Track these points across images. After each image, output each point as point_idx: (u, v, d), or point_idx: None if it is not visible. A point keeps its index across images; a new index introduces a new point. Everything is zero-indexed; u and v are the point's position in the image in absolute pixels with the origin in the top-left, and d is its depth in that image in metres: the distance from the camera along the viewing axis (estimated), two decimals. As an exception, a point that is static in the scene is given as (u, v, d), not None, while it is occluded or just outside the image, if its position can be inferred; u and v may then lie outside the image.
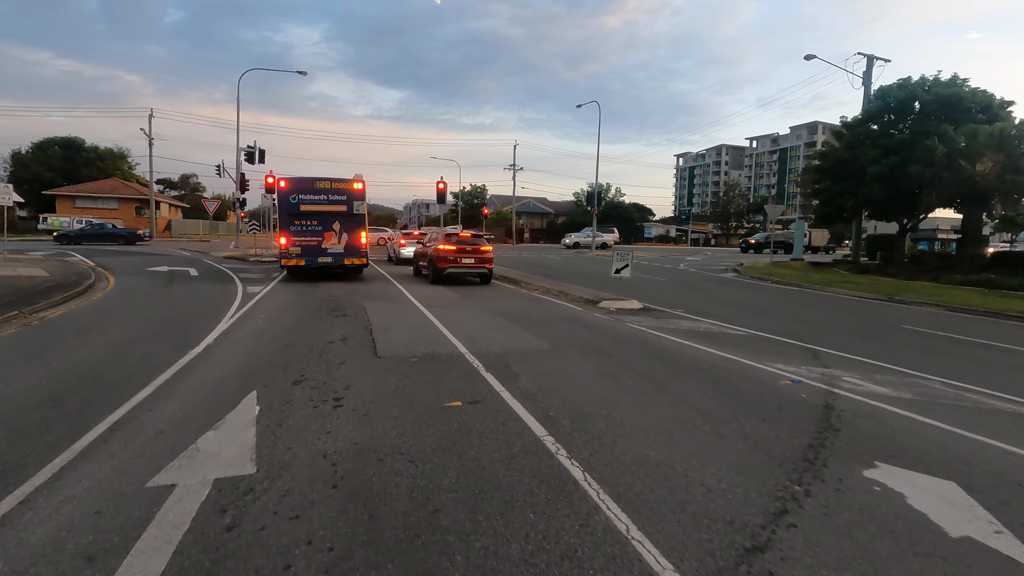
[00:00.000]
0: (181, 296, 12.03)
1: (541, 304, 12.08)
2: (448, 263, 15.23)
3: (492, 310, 10.84)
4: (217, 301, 11.23)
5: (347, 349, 7.01)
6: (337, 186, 15.18)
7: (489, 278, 16.29)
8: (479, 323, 9.24)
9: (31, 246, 29.86)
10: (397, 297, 12.49)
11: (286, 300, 11.58)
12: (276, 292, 12.85)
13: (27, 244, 32.61)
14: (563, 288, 14.40)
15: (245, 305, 10.71)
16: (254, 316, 9.46)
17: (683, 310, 11.60)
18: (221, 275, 16.58)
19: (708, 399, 5.30)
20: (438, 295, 13.11)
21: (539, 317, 10.16)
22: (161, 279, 15.30)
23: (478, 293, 13.74)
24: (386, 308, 10.74)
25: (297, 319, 9.27)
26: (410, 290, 13.78)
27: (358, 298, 12.04)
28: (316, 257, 15.14)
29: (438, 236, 15.99)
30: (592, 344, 7.77)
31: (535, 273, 19.63)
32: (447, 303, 11.71)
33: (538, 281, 16.31)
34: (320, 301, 11.46)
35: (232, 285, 14.03)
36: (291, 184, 14.91)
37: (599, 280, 18.02)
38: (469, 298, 12.70)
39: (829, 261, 28.31)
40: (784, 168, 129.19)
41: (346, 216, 15.32)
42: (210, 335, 7.69)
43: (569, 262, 28.19)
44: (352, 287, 14.11)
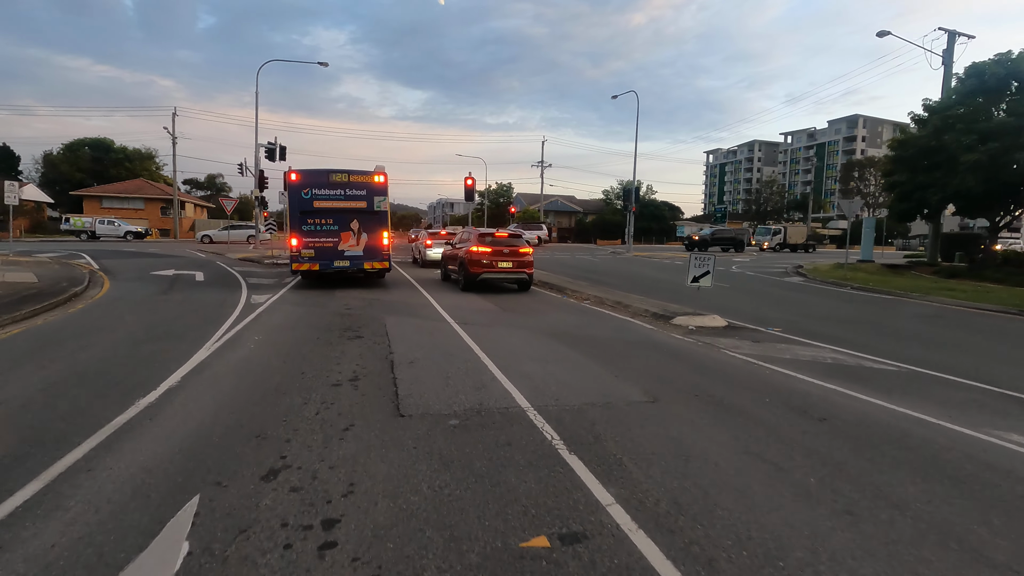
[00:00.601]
0: (173, 307, 10.21)
1: (601, 320, 9.87)
2: (482, 268, 13.13)
3: (544, 329, 8.69)
4: (212, 314, 9.35)
5: (357, 399, 4.93)
6: (356, 179, 13.23)
7: (529, 285, 14.13)
8: (534, 351, 7.08)
9: (48, 247, 28.93)
10: (424, 310, 10.43)
11: (292, 314, 9.63)
12: (283, 303, 10.94)
13: (46, 245, 31.81)
14: (619, 298, 12.14)
15: (243, 320, 8.80)
16: (247, 338, 7.50)
17: (780, 328, 9.24)
18: (228, 280, 14.82)
19: (975, 523, 3.03)
20: (472, 306, 11.01)
21: (607, 340, 7.96)
22: (161, 285, 13.60)
23: (520, 304, 11.60)
24: (412, 326, 8.68)
25: (299, 343, 7.27)
26: (439, 300, 11.72)
27: (378, 311, 10.03)
28: (331, 261, 13.21)
29: (470, 236, 13.91)
30: (699, 389, 5.53)
31: (577, 277, 17.39)
32: (485, 318, 9.60)
33: (586, 288, 14.09)
34: (332, 315, 9.48)
35: (236, 293, 12.20)
36: (303, 177, 13.02)
37: (652, 286, 15.69)
38: (511, 311, 10.57)
39: (903, 263, 25.30)
40: (822, 163, 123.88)
41: (366, 214, 13.35)
42: (179, 371, 5.72)
43: (608, 263, 25.83)
44: (372, 296, 12.13)
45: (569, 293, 13.38)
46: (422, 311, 10.26)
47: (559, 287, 14.47)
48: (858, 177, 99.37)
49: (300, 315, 9.49)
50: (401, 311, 10.18)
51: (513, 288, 14.39)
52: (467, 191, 26.51)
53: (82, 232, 39.18)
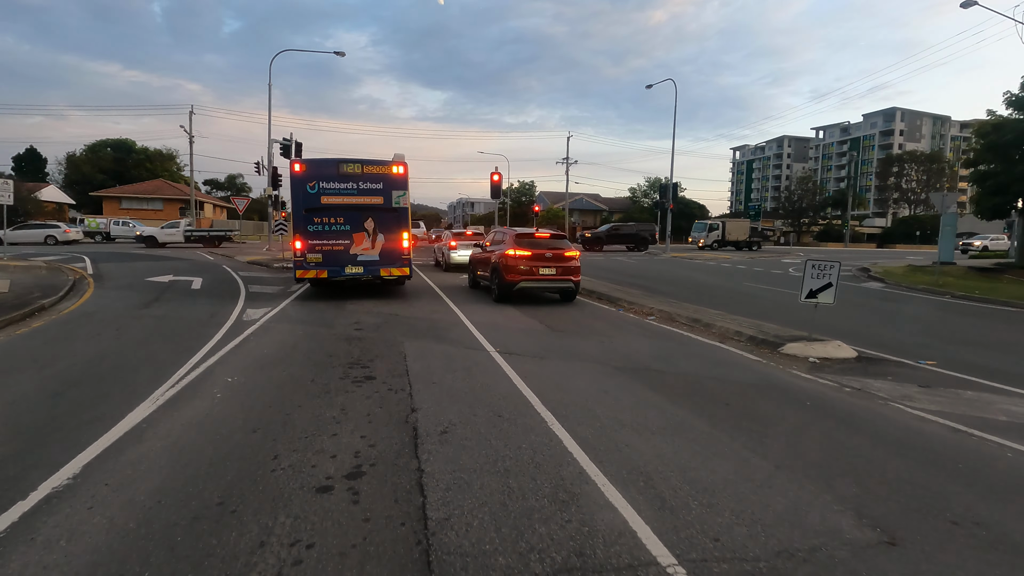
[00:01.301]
0: (146, 327, 8.26)
1: (684, 346, 7.59)
2: (520, 275, 10.95)
3: (615, 361, 6.46)
4: (188, 337, 7.37)
5: (355, 530, 2.78)
6: (370, 170, 11.16)
7: (574, 295, 11.91)
8: (619, 405, 4.86)
9: (54, 249, 27.70)
10: (453, 330, 8.29)
11: (288, 338, 7.58)
12: (281, 320, 8.92)
13: (55, 247, 30.67)
14: (691, 313, 9.83)
15: (223, 348, 6.79)
16: (216, 381, 5.44)
17: (934, 362, 6.84)
18: (227, 288, 12.92)
19: None
20: (512, 324, 8.84)
21: (712, 383, 5.69)
22: (149, 295, 11.74)
23: (569, 320, 9.39)
24: (439, 358, 6.53)
25: (285, 390, 5.18)
26: (470, 314, 9.58)
27: (396, 332, 7.92)
28: (342, 267, 11.18)
29: (505, 238, 11.75)
30: (932, 498, 3.25)
31: (623, 283, 15.10)
32: (533, 344, 7.42)
33: (642, 298, 11.80)
34: (338, 340, 7.40)
35: (229, 305, 10.24)
36: (308, 168, 11.00)
37: (715, 294, 13.30)
38: (561, 331, 8.37)
39: (990, 265, 22.34)
40: (857, 159, 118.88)
41: (382, 211, 11.28)
42: (86, 452, 3.67)
43: (649, 266, 23.41)
44: (389, 309, 10.05)
45: (624, 306, 11.10)
46: (451, 332, 8.13)
47: (609, 297, 12.21)
48: (898, 172, 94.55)
49: (297, 340, 7.43)
50: (425, 332, 8.06)
51: (554, 297, 12.18)
52: (493, 187, 24.34)
53: (96, 234, 38.15)
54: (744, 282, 17.16)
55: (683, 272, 20.75)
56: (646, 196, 75.66)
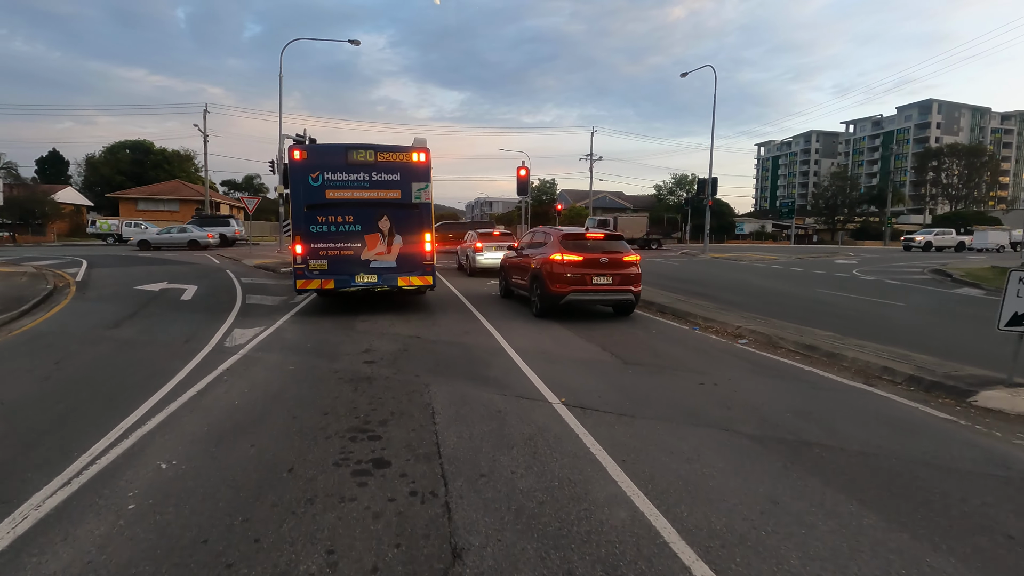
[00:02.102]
0: (99, 357, 6.40)
1: (818, 391, 5.41)
2: (569, 285, 8.87)
3: (748, 426, 4.32)
4: (141, 375, 5.47)
5: None
6: (385, 158, 9.19)
7: (633, 308, 9.80)
8: (826, 544, 2.76)
9: (60, 252, 26.42)
10: (496, 364, 6.25)
11: (272, 379, 5.61)
12: (270, 347, 6.98)
13: (62, 250, 29.48)
14: (798, 336, 7.62)
15: (180, 396, 4.86)
16: (145, 466, 3.48)
17: None
18: (221, 299, 11.09)
19: None
20: (569, 353, 6.77)
21: (935, 477, 3.54)
22: (128, 307, 9.97)
23: (639, 345, 7.28)
24: (486, 424, 4.48)
25: (243, 490, 3.19)
26: (512, 337, 7.53)
27: (419, 369, 5.91)
28: (351, 276, 9.22)
29: (548, 239, 9.68)
30: None
31: (677, 291, 12.89)
32: (611, 389, 5.32)
33: (714, 312, 9.61)
34: (339, 383, 5.40)
35: (215, 324, 8.36)
36: (310, 155, 9.06)
37: (786, 303, 10.97)
38: (639, 365, 6.26)
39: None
40: (889, 153, 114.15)
41: (400, 207, 9.31)
42: None
43: (694, 268, 21.08)
44: (409, 329, 8.06)
45: (700, 323, 8.94)
46: (491, 366, 6.08)
47: (673, 310, 10.05)
48: (936, 166, 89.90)
49: (284, 382, 5.45)
50: (457, 367, 6.03)
51: (604, 310, 10.09)
52: (520, 183, 22.34)
53: (108, 236, 37.09)
54: (816, 288, 14.82)
55: (736, 276, 18.42)
56: (672, 193, 72.86)
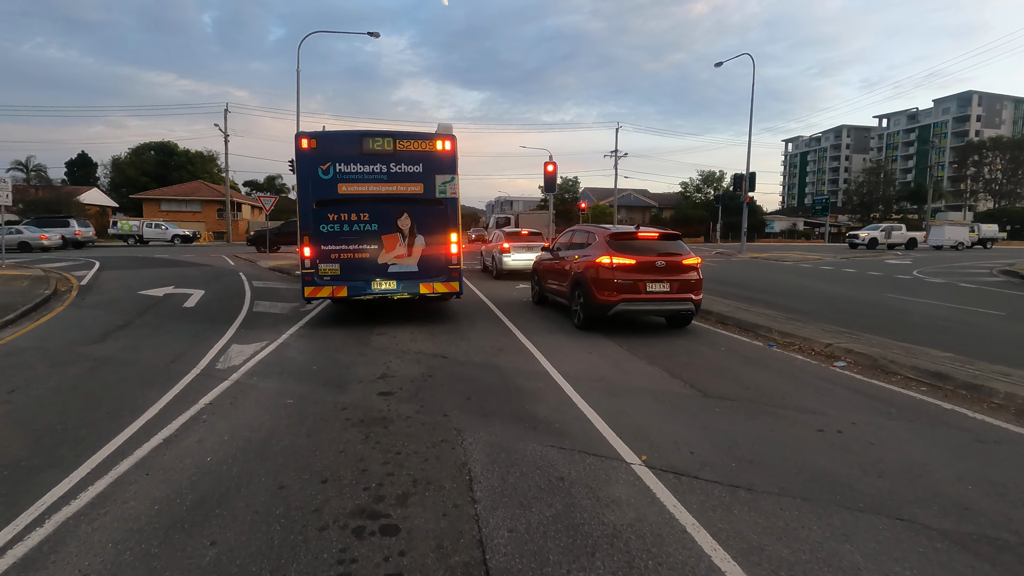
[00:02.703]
0: (64, 382, 5.33)
1: (986, 443, 3.98)
2: (620, 293, 7.55)
3: (929, 515, 2.96)
4: (104, 411, 4.37)
5: None
6: (406, 147, 8.00)
7: (691, 318, 8.44)
8: None
9: (78, 254, 25.99)
10: (544, 398, 4.98)
11: (261, 422, 4.43)
12: (268, 371, 5.82)
13: (81, 251, 29.17)
14: (910, 358, 6.16)
15: (146, 442, 3.74)
16: (62, 566, 2.31)
17: None
18: (226, 306, 10.06)
19: None
20: (631, 380, 5.46)
21: None
22: (123, 316, 9.00)
23: (714, 369, 5.93)
24: (538, 487, 3.22)
25: None
26: (556, 357, 6.26)
27: (447, 404, 4.68)
28: (367, 282, 8.06)
29: (593, 239, 8.37)
30: None
31: (728, 296, 11.43)
32: (702, 440, 4.00)
33: (790, 325, 8.16)
34: (345, 429, 4.19)
35: (212, 338, 7.28)
36: (320, 144, 7.91)
37: (863, 312, 9.40)
38: (725, 399, 4.92)
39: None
40: (926, 148, 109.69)
41: (423, 203, 8.11)
42: None
43: (736, 270, 19.47)
44: (434, 346, 6.84)
45: (776, 338, 7.51)
46: (538, 400, 4.82)
47: (736, 321, 8.65)
48: (978, 161, 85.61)
49: (276, 426, 4.26)
50: (495, 403, 4.77)
51: (655, 321, 8.76)
52: (547, 179, 20.94)
53: (129, 236, 36.88)
54: (885, 292, 13.19)
55: (786, 278, 16.80)
56: (698, 191, 70.61)
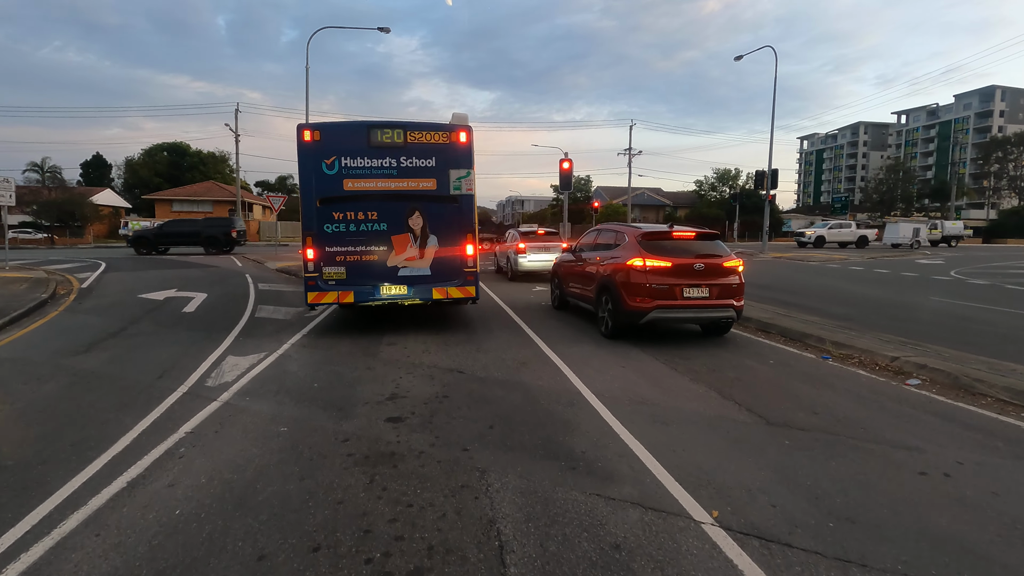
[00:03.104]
0: (37, 403, 4.72)
1: None
2: (653, 298, 6.81)
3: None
4: (68, 444, 3.73)
5: None
6: (418, 139, 7.31)
7: (730, 326, 7.67)
8: None
9: (86, 254, 25.73)
10: (576, 421, 4.25)
11: (254, 447, 3.75)
12: (263, 390, 5.15)
13: (92, 252, 28.96)
14: (1007, 381, 5.35)
15: (106, 487, 3.07)
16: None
17: None
18: (227, 312, 9.46)
19: None
20: (676, 402, 4.72)
21: None
22: (118, 322, 8.44)
23: (769, 387, 5.16)
24: (588, 560, 2.50)
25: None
26: (586, 373, 5.53)
27: (466, 435, 3.96)
28: (375, 287, 7.38)
29: (623, 239, 7.62)
30: None
31: (767, 300, 10.61)
32: (765, 468, 3.24)
33: (843, 334, 7.34)
34: (348, 460, 3.50)
35: (206, 349, 6.66)
36: (324, 136, 7.22)
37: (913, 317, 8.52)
38: (792, 427, 4.14)
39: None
40: (947, 144, 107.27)
41: (436, 201, 7.43)
42: None
43: (766, 271, 18.56)
44: (449, 360, 6.14)
45: (830, 350, 6.70)
46: (573, 431, 4.09)
47: (780, 328, 7.85)
48: (1002, 157, 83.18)
49: (265, 463, 3.56)
50: (523, 433, 4.04)
51: (690, 329, 7.99)
52: (563, 176, 20.23)
53: (140, 237, 36.62)
54: (930, 295, 12.27)
55: (818, 279, 15.89)
56: (713, 189, 69.37)
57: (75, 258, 22.60)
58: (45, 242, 39.54)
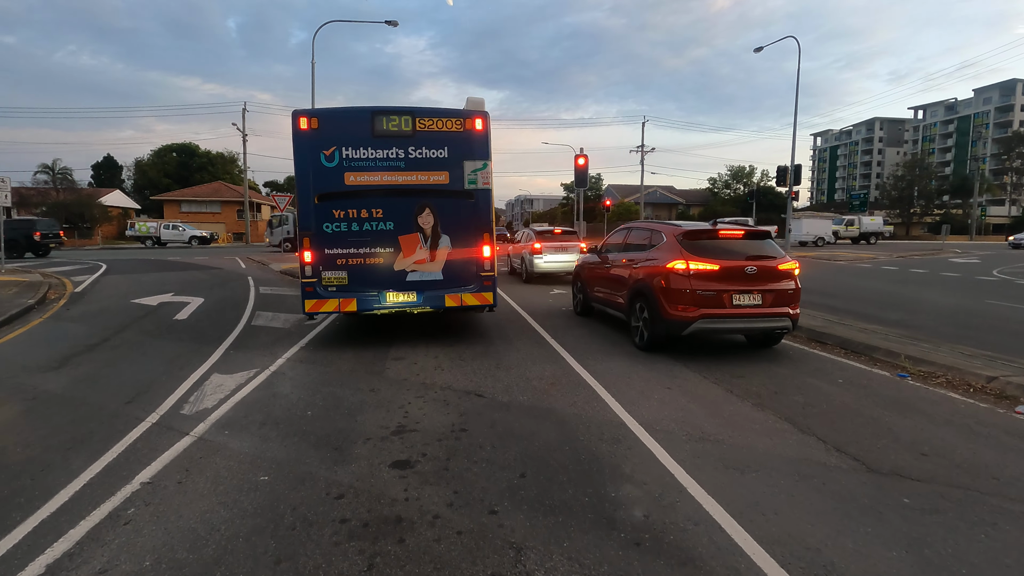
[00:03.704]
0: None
1: None
2: (699, 306, 5.92)
3: None
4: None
5: None
6: (427, 126, 6.48)
7: (781, 337, 6.77)
8: None
9: (92, 255, 25.24)
10: (627, 466, 3.39)
11: (223, 508, 2.92)
12: (252, 413, 4.34)
13: (98, 253, 28.52)
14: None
15: (28, 565, 2.24)
16: None
17: None
18: (221, 319, 8.70)
19: None
20: (741, 434, 3.84)
21: None
22: (102, 331, 7.71)
23: (846, 416, 4.25)
24: None
25: None
26: (627, 396, 4.67)
27: (491, 481, 3.09)
28: (381, 293, 6.56)
29: (660, 239, 6.74)
30: None
31: (811, 305, 9.67)
32: (895, 547, 2.41)
33: (913, 347, 6.41)
34: (342, 528, 2.66)
35: (193, 363, 5.88)
36: (323, 124, 6.39)
37: (975, 323, 7.57)
38: (893, 472, 3.25)
39: None
40: (966, 140, 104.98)
41: (449, 197, 6.60)
42: None
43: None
44: (464, 379, 5.31)
45: (906, 367, 5.78)
46: (625, 480, 3.24)
47: (837, 339, 6.93)
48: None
49: (233, 533, 2.73)
50: (560, 482, 3.18)
51: (732, 339, 7.10)
52: (579, 173, 19.35)
53: (147, 238, 36.30)
54: (983, 299, 11.25)
55: (857, 281, 14.86)
56: (727, 187, 68.07)
57: (78, 260, 22.09)
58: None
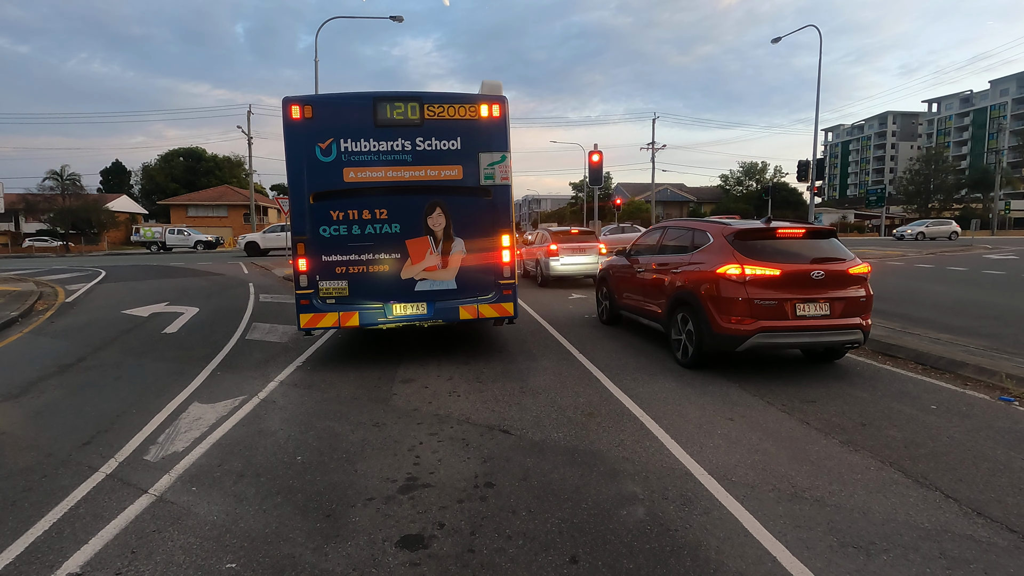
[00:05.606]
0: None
1: None
2: (757, 318, 5.05)
3: None
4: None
5: None
6: (438, 113, 5.66)
7: (845, 351, 5.89)
8: None
9: (95, 261, 24.73)
10: (710, 540, 2.53)
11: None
12: (231, 458, 3.52)
13: (101, 259, 28.03)
14: None
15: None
16: None
17: None
18: (214, 332, 7.94)
19: None
20: (850, 492, 2.95)
21: None
22: (81, 347, 6.98)
23: (966, 460, 3.36)
24: None
25: None
26: (684, 432, 3.82)
27: (531, 558, 2.32)
28: (386, 305, 5.76)
29: (705, 239, 5.87)
30: None
31: (886, 314, 8.77)
32: None
33: (1007, 362, 5.52)
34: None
35: (173, 388, 5.11)
36: (317, 113, 5.58)
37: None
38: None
39: None
40: (982, 133, 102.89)
41: (462, 195, 5.79)
42: None
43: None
44: (485, 406, 4.48)
45: (1011, 387, 4.88)
46: (711, 566, 2.40)
47: (908, 351, 6.02)
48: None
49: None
50: (627, 572, 2.38)
51: (790, 355, 6.21)
52: (592, 171, 18.52)
53: (152, 243, 35.85)
54: None
55: (897, 280, 13.86)
56: (739, 184, 66.78)
57: (77, 266, 21.54)
58: (60, 250, 38.97)
